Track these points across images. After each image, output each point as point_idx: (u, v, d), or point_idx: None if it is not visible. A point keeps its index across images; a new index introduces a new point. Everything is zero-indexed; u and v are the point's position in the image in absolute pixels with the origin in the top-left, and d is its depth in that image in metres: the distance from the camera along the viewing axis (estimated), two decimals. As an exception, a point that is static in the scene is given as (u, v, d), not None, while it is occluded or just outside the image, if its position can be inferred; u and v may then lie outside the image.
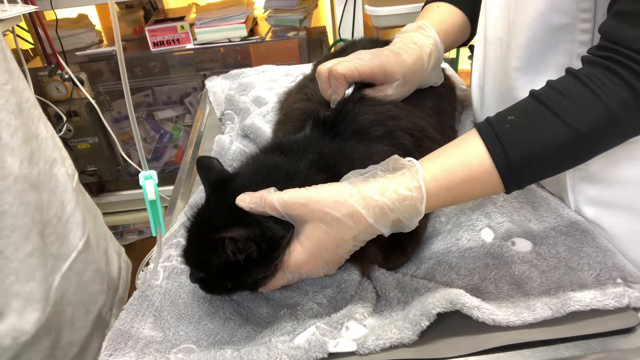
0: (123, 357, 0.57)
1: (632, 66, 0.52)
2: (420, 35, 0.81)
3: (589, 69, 0.55)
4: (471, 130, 0.59)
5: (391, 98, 0.77)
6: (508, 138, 0.55)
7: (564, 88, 0.55)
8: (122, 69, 0.48)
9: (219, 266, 0.59)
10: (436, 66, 0.82)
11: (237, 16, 1.90)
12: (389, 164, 0.59)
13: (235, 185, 0.61)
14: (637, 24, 0.52)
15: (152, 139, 2.24)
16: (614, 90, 0.53)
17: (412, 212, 0.57)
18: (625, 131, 0.56)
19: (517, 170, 0.55)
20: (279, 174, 0.61)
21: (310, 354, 0.54)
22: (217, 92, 1.23)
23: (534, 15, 0.66)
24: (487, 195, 0.61)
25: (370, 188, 0.56)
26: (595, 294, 0.56)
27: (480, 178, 0.57)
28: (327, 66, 0.75)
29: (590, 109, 0.53)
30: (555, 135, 0.54)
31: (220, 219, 0.59)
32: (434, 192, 0.57)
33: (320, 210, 0.56)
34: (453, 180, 0.57)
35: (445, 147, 0.60)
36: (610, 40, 0.54)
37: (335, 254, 0.59)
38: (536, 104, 0.56)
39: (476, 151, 0.57)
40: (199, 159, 0.66)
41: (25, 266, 0.54)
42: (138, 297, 0.65)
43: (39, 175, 0.56)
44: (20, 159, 0.53)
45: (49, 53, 1.72)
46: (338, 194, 0.56)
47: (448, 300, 0.55)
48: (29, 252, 0.55)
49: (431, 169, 0.57)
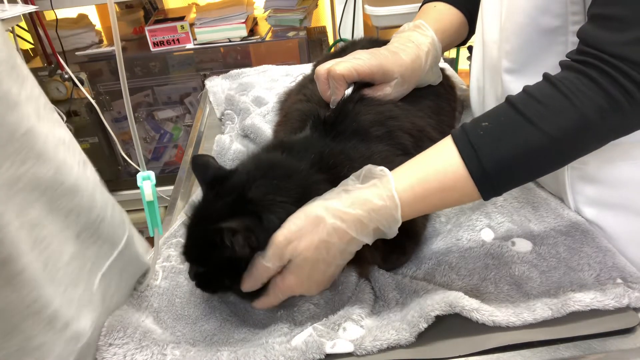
0: (121, 348, 0.57)
1: (607, 70, 0.51)
2: (417, 35, 0.81)
3: (565, 74, 0.55)
4: (447, 137, 0.59)
5: (390, 97, 0.77)
6: (481, 145, 0.55)
7: (540, 94, 0.55)
8: (121, 70, 0.48)
9: (218, 261, 0.59)
10: (434, 65, 0.82)
11: (237, 16, 1.90)
12: (360, 174, 0.59)
13: (233, 181, 0.61)
14: (612, 27, 0.52)
15: (152, 139, 2.24)
16: (589, 96, 0.52)
17: (389, 220, 0.57)
18: (601, 136, 0.55)
19: (491, 177, 0.55)
20: (278, 171, 0.61)
21: (307, 355, 0.54)
22: (217, 92, 1.23)
23: (525, 18, 0.66)
24: (465, 202, 0.62)
25: (343, 203, 0.57)
26: (595, 294, 0.56)
27: (456, 185, 0.56)
28: (325, 67, 0.75)
29: (564, 115, 0.53)
30: (528, 142, 0.54)
31: (219, 214, 0.59)
32: (410, 201, 0.57)
33: (306, 240, 0.56)
34: (429, 188, 0.57)
35: (422, 155, 0.60)
36: (587, 44, 0.54)
37: (327, 272, 0.59)
38: (510, 111, 0.56)
39: (450, 158, 0.57)
40: (193, 158, 0.65)
41: (70, 271, 0.55)
42: (137, 297, 0.65)
43: (77, 179, 0.56)
44: (56, 165, 0.53)
45: (49, 53, 1.72)
46: (314, 217, 0.56)
47: (447, 303, 0.55)
48: (70, 257, 0.55)
49: (407, 177, 0.57)
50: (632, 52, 0.50)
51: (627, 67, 0.50)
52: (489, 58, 0.79)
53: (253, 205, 0.58)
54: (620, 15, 0.51)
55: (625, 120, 0.53)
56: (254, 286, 0.59)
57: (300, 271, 0.58)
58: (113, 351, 0.56)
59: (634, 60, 0.50)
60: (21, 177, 0.49)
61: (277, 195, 0.59)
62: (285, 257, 0.57)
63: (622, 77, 0.51)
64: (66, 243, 0.54)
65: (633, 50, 0.50)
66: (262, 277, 0.58)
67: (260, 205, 0.58)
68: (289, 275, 0.58)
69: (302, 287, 0.59)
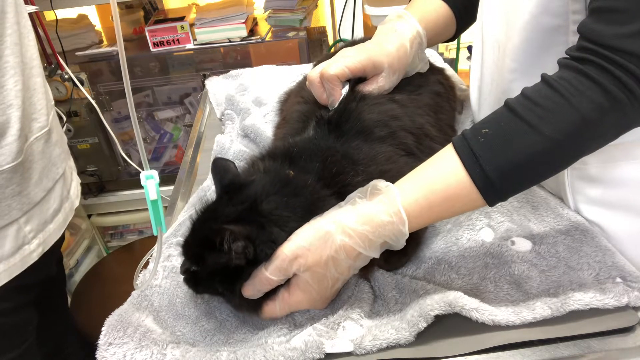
0: (121, 347, 0.57)
1: (606, 67, 0.51)
2: (400, 24, 0.82)
3: (563, 73, 0.55)
4: (448, 145, 0.59)
5: (385, 89, 0.78)
6: (483, 152, 0.55)
7: (538, 96, 0.54)
8: (124, 70, 0.48)
9: (213, 264, 0.59)
10: (419, 51, 0.83)
11: (237, 16, 1.89)
12: (366, 190, 0.59)
13: (248, 191, 0.61)
14: (613, 20, 0.51)
15: (152, 139, 2.24)
16: (588, 95, 0.52)
17: (397, 234, 0.57)
18: (602, 135, 0.55)
19: (495, 184, 0.55)
20: (289, 188, 0.61)
21: (307, 354, 0.54)
22: (217, 92, 1.23)
23: (527, 17, 0.65)
24: (471, 210, 0.62)
25: (352, 219, 0.57)
26: (594, 293, 0.56)
27: (460, 194, 0.56)
28: (317, 72, 0.76)
29: (564, 116, 0.52)
30: (530, 146, 0.53)
31: (226, 217, 0.59)
32: (416, 214, 0.57)
33: (314, 255, 0.56)
34: (434, 200, 0.57)
35: (424, 165, 0.60)
36: (587, 39, 0.53)
37: (334, 287, 0.60)
38: (510, 115, 0.55)
39: (453, 168, 0.56)
40: (215, 160, 0.66)
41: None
42: (137, 296, 0.65)
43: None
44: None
45: (49, 53, 1.71)
46: (324, 234, 0.56)
47: (447, 303, 0.55)
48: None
49: (411, 190, 0.57)
50: (632, 44, 0.50)
51: (627, 60, 0.50)
52: (490, 57, 0.79)
53: (261, 217, 0.58)
54: (621, 7, 0.51)
55: (626, 117, 0.53)
56: (254, 295, 0.59)
57: (308, 287, 0.58)
58: (113, 351, 0.56)
59: (634, 53, 0.50)
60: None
61: (284, 211, 0.59)
62: (291, 271, 0.57)
63: (621, 72, 0.50)
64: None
65: (634, 42, 0.50)
66: (264, 287, 0.58)
67: (267, 217, 0.58)
68: (296, 291, 0.58)
69: (310, 302, 0.60)
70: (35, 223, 0.98)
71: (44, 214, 1.00)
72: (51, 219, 1.03)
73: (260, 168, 0.66)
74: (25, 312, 1.05)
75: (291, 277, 0.58)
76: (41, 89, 1.01)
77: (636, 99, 0.51)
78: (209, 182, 0.88)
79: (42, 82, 1.02)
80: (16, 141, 0.89)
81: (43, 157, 1.00)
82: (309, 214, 0.59)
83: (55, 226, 1.04)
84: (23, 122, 0.91)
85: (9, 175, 0.88)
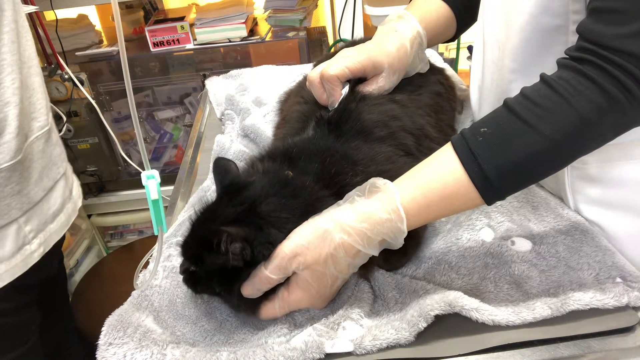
0: (121, 347, 0.57)
1: (605, 67, 0.51)
2: (400, 24, 0.82)
3: (561, 73, 0.55)
4: (447, 145, 0.59)
5: (385, 89, 0.78)
6: (481, 151, 0.55)
7: (537, 95, 0.54)
8: (125, 70, 0.48)
9: (211, 265, 0.59)
10: (419, 52, 0.83)
11: (237, 16, 1.89)
12: (365, 188, 0.59)
13: (248, 192, 0.61)
14: (612, 21, 0.51)
15: (152, 139, 2.24)
16: (586, 95, 0.52)
17: (396, 232, 0.57)
18: (601, 135, 0.55)
19: (493, 183, 0.55)
20: (288, 189, 0.61)
21: (307, 355, 0.54)
22: (217, 92, 1.23)
23: (526, 17, 0.65)
24: (469, 208, 0.62)
25: (350, 217, 0.57)
26: (594, 293, 0.56)
27: (458, 193, 0.56)
28: (317, 72, 0.76)
29: (563, 116, 0.53)
30: (529, 146, 0.54)
31: (225, 218, 0.59)
32: (414, 212, 0.57)
33: (313, 253, 0.56)
34: (432, 198, 0.57)
35: (423, 163, 0.60)
36: (586, 39, 0.53)
37: (334, 286, 0.60)
38: (509, 115, 0.55)
39: (451, 167, 0.57)
40: (217, 160, 0.66)
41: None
42: (137, 296, 0.65)
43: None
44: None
45: (49, 53, 1.71)
46: (322, 231, 0.56)
47: (447, 303, 0.55)
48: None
49: (409, 188, 0.57)
50: (631, 45, 0.50)
51: (626, 61, 0.50)
52: (490, 57, 0.79)
53: (260, 219, 0.58)
54: (620, 8, 0.51)
55: (625, 117, 0.53)
56: (254, 294, 0.59)
57: (307, 285, 0.58)
58: (113, 351, 0.56)
59: (633, 53, 0.50)
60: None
61: (282, 213, 0.59)
62: (290, 269, 0.57)
63: (620, 72, 0.50)
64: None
65: (633, 43, 0.50)
66: (263, 286, 0.58)
67: (266, 219, 0.58)
68: (296, 289, 0.58)
69: (309, 301, 0.60)
70: (36, 223, 0.98)
71: (44, 213, 1.00)
72: (52, 219, 1.03)
73: (260, 169, 0.66)
74: (26, 312, 1.06)
75: (291, 276, 0.58)
76: (40, 89, 1.01)
77: (635, 99, 0.51)
78: (209, 182, 0.88)
79: (40, 81, 1.02)
80: (14, 139, 0.89)
81: (43, 157, 1.00)
82: (308, 215, 0.59)
83: (57, 226, 1.04)
84: (21, 121, 0.90)
85: (7, 173, 0.88)
